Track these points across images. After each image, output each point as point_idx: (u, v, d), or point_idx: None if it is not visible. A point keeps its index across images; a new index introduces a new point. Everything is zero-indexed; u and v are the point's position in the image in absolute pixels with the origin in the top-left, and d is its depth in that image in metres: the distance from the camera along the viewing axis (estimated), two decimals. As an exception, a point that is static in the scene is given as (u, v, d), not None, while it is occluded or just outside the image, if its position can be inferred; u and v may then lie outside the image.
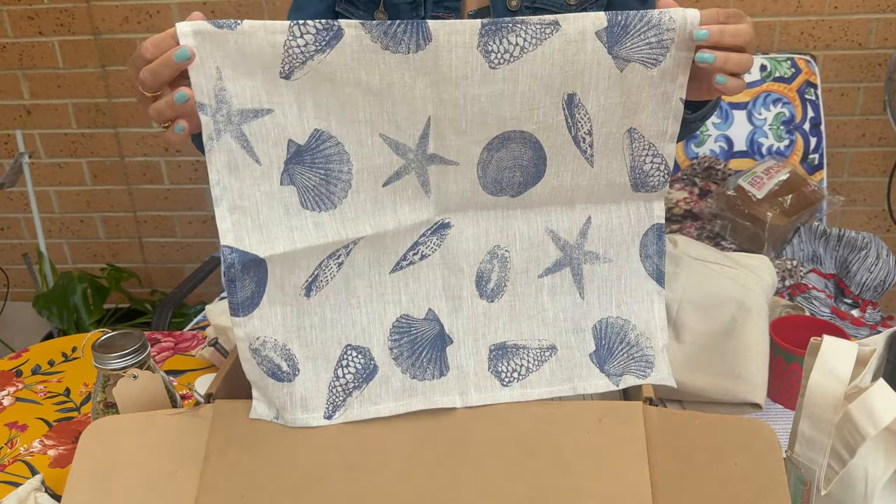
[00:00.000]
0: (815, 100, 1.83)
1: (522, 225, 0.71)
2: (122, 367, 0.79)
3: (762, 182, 1.63)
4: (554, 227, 0.71)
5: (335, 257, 0.67)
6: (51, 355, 1.15)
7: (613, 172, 0.70)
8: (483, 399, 0.68)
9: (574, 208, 0.71)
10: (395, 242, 0.69)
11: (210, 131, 0.62)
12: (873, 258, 1.53)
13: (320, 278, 0.67)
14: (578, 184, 0.70)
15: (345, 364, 0.69)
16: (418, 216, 0.69)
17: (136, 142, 2.25)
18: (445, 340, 0.70)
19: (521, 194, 0.70)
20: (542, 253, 0.71)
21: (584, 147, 0.68)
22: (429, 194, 0.68)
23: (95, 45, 2.14)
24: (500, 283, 0.71)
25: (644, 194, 0.71)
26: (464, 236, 0.70)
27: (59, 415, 1.01)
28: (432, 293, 0.70)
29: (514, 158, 0.68)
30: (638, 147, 0.69)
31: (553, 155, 0.68)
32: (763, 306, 0.94)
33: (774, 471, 0.57)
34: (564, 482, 0.62)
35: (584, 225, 0.72)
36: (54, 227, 2.41)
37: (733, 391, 0.88)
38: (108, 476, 0.65)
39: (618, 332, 0.72)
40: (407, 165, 0.67)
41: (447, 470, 0.63)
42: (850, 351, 0.58)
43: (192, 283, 1.84)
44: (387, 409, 0.68)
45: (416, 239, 0.69)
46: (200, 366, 1.11)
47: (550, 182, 0.69)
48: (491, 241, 0.70)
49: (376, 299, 0.70)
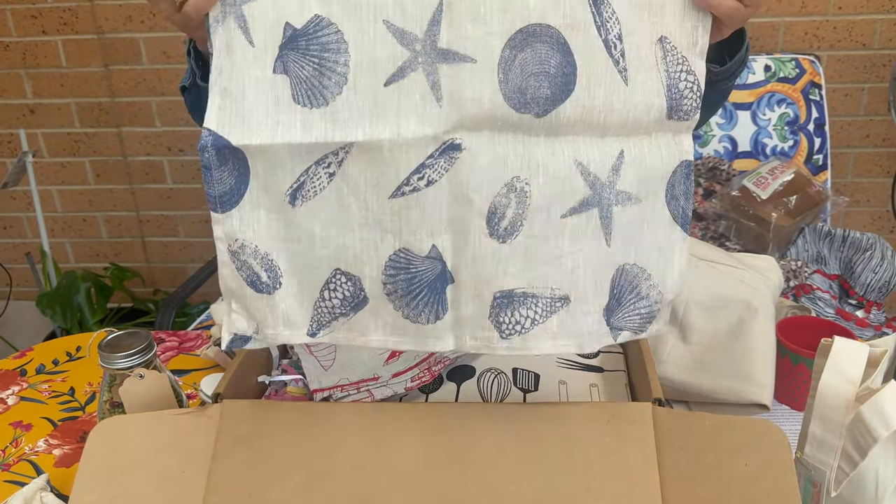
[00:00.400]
0: (820, 100, 1.83)
1: (547, 153, 0.60)
2: (129, 367, 0.79)
3: (767, 182, 1.63)
4: (584, 159, 0.61)
5: (324, 164, 0.60)
6: (55, 354, 1.15)
7: (650, 93, 0.61)
8: (477, 347, 0.62)
9: (605, 139, 0.62)
10: (395, 159, 0.59)
11: (217, 13, 0.60)
12: (878, 259, 1.52)
13: (307, 186, 0.61)
14: (612, 105, 0.60)
15: (332, 288, 0.63)
16: (424, 129, 0.58)
17: (139, 141, 2.25)
18: (447, 279, 0.62)
19: (549, 113, 0.59)
20: (568, 188, 0.60)
21: (616, 56, 0.59)
22: (440, 101, 0.58)
23: (99, 45, 2.14)
24: (514, 222, 0.60)
25: (676, 123, 0.62)
26: (477, 163, 0.59)
27: (63, 414, 1.01)
28: (436, 227, 0.61)
29: (539, 63, 0.58)
30: (672, 61, 0.61)
31: (584, 63, 0.59)
32: (770, 307, 0.94)
33: (785, 472, 0.57)
34: (573, 483, 0.62)
35: (617, 160, 0.62)
36: (57, 227, 2.41)
37: (740, 392, 0.88)
38: (115, 476, 0.65)
39: (630, 282, 0.63)
40: (413, 59, 0.58)
41: (455, 469, 0.63)
42: (861, 352, 0.58)
43: (196, 282, 1.84)
44: (375, 341, 0.63)
45: (422, 160, 0.59)
46: (205, 365, 1.11)
47: (581, 100, 0.59)
48: (509, 171, 0.60)
49: (372, 225, 0.61)
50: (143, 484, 0.65)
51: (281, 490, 0.64)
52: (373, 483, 0.63)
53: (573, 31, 0.58)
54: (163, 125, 2.22)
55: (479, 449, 0.64)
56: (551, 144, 0.60)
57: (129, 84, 2.18)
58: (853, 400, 0.57)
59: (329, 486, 0.64)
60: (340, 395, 0.79)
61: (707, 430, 0.62)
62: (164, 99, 2.19)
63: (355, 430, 0.66)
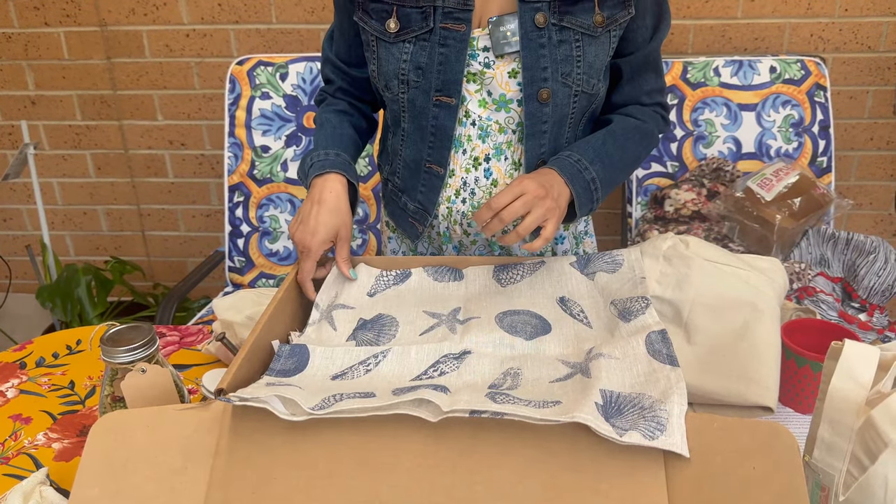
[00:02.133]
0: (825, 102, 1.82)
1: (535, 355, 0.83)
2: (131, 361, 0.79)
3: (771, 184, 1.62)
4: (564, 357, 0.82)
5: (365, 364, 0.82)
6: (55, 348, 1.15)
7: (609, 324, 0.88)
8: (470, 402, 0.66)
9: (580, 345, 0.85)
10: (419, 360, 0.82)
11: (315, 318, 0.93)
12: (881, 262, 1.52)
13: (347, 375, 0.80)
14: (581, 336, 0.86)
15: (338, 399, 0.71)
16: (444, 347, 0.84)
17: (141, 134, 2.25)
18: (444, 390, 0.72)
19: (534, 339, 0.86)
20: (553, 370, 0.79)
21: (580, 318, 0.89)
22: (455, 334, 0.87)
23: (101, 37, 2.13)
24: (511, 386, 0.76)
25: (634, 321, 0.84)
26: (481, 362, 0.80)
27: (63, 408, 1.00)
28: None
29: (524, 322, 0.89)
30: (621, 305, 0.88)
31: (556, 323, 0.89)
32: (775, 309, 0.93)
33: (794, 476, 0.57)
34: (580, 484, 0.61)
35: (590, 352, 0.81)
36: (57, 220, 2.40)
37: (745, 394, 0.87)
38: (117, 471, 0.65)
39: (630, 400, 0.69)
40: (439, 322, 0.90)
41: (461, 469, 0.63)
42: (872, 355, 0.57)
43: (196, 277, 1.84)
44: (372, 407, 0.67)
45: (437, 359, 0.82)
46: (206, 360, 1.11)
47: (557, 334, 0.87)
48: (505, 365, 0.80)
49: (390, 396, 0.72)
50: (146, 479, 0.64)
51: (285, 487, 0.63)
52: (378, 480, 0.63)
53: (546, 311, 0.91)
54: (165, 119, 2.22)
55: (486, 447, 0.63)
56: (537, 348, 0.84)
57: (132, 77, 2.17)
58: (864, 404, 0.57)
59: (333, 483, 0.63)
60: None
61: (715, 433, 0.61)
62: (166, 92, 2.18)
63: (360, 427, 0.65)
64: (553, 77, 0.96)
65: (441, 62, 0.97)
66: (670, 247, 0.96)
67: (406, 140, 1.05)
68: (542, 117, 0.99)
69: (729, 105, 1.83)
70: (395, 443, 0.64)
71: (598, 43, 0.97)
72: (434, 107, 0.99)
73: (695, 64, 1.85)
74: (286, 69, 1.86)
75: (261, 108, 1.86)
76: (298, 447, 0.65)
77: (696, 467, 0.60)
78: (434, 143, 1.03)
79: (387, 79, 1.01)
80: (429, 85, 0.98)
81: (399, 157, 1.08)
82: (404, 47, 0.97)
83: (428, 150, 1.04)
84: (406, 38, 0.97)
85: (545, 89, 0.97)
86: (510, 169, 1.04)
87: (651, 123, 1.07)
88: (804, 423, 0.94)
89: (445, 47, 0.96)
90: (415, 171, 1.07)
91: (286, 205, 1.87)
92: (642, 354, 0.76)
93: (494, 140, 1.02)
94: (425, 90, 0.98)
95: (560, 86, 0.97)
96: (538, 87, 0.97)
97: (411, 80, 0.98)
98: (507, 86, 0.99)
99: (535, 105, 0.98)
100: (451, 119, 1.00)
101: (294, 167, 1.86)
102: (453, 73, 0.97)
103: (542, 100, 0.97)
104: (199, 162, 2.26)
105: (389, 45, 0.98)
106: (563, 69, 0.96)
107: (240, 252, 1.89)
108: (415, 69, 0.98)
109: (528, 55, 0.95)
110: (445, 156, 1.03)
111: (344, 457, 0.64)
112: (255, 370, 0.80)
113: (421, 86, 0.98)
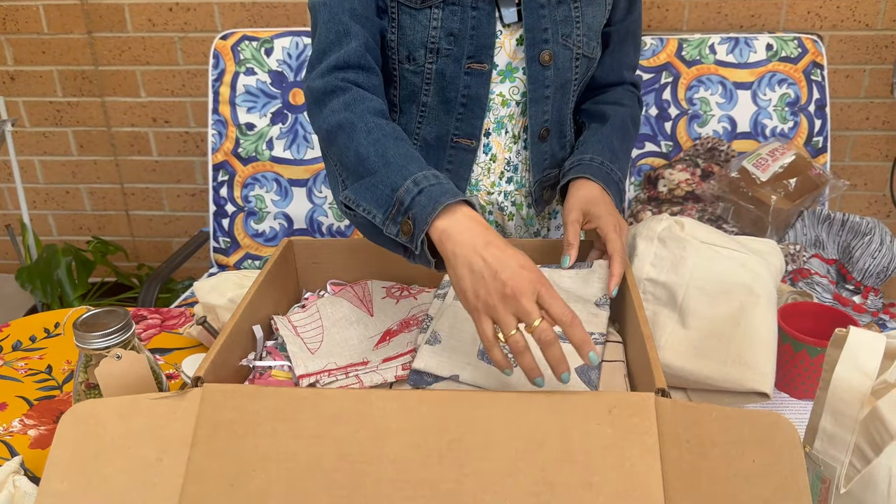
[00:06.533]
0: (822, 81, 1.79)
1: None
2: (106, 347, 0.76)
3: (766, 164, 1.60)
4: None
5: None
6: (32, 331, 1.11)
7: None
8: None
9: None
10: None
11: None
12: (877, 244, 1.50)
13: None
14: None
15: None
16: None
17: (124, 111, 2.19)
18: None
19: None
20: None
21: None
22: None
23: (81, 10, 2.07)
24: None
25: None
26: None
27: (40, 393, 0.97)
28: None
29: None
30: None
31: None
32: (772, 293, 0.91)
33: (795, 469, 0.54)
34: (572, 476, 0.59)
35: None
36: (39, 199, 2.35)
37: (740, 379, 0.85)
38: (88, 463, 0.62)
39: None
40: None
41: (448, 461, 0.60)
42: (877, 344, 0.55)
43: (181, 257, 1.80)
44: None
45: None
46: (188, 344, 1.07)
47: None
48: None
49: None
50: (118, 472, 0.61)
51: (264, 480, 0.61)
52: (361, 474, 0.60)
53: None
54: (148, 95, 2.16)
55: (474, 440, 0.61)
56: None
57: (114, 52, 2.11)
58: (868, 394, 0.54)
59: (315, 476, 0.60)
60: (328, 380, 0.75)
61: (713, 423, 0.59)
62: (149, 68, 2.12)
63: (343, 417, 0.63)
64: (554, 38, 0.94)
65: (474, 27, 0.92)
66: (665, 228, 0.93)
67: (426, 116, 0.99)
68: (544, 81, 0.96)
69: (724, 83, 1.80)
70: (379, 433, 0.62)
71: (594, 4, 0.96)
72: (465, 76, 0.95)
73: (690, 41, 1.81)
74: (271, 44, 1.81)
75: (245, 85, 1.81)
76: (279, 438, 0.62)
77: (692, 459, 0.58)
78: (464, 114, 0.97)
79: (411, 49, 0.93)
80: (461, 52, 0.93)
81: (416, 138, 1.01)
82: (433, 13, 0.91)
83: (456, 124, 0.98)
84: (434, 2, 0.90)
85: (546, 51, 0.94)
86: (509, 142, 1.02)
87: (635, 107, 1.08)
88: (800, 408, 0.92)
89: (477, 10, 0.91)
90: (437, 148, 1.00)
91: (272, 184, 1.83)
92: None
93: (496, 114, 1.00)
94: (457, 58, 0.93)
95: (561, 48, 0.95)
96: (540, 48, 0.94)
97: (442, 49, 0.92)
98: (514, 54, 0.96)
99: (538, 68, 0.95)
100: (484, 87, 0.96)
101: (280, 145, 1.81)
102: (486, 38, 0.93)
103: (543, 62, 0.95)
104: (184, 140, 2.21)
105: (415, 12, 0.91)
106: (563, 30, 0.94)
107: (225, 232, 1.86)
108: (446, 36, 0.92)
109: (529, 15, 0.92)
110: (478, 126, 0.98)
111: (326, 449, 0.61)
112: (234, 356, 0.77)
113: (453, 54, 0.93)
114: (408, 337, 0.81)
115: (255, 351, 0.82)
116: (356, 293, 0.91)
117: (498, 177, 1.03)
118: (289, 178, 1.82)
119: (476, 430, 0.61)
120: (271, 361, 0.79)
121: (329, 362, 0.78)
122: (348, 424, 0.62)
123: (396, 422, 0.62)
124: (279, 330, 0.83)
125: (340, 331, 0.85)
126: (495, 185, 1.04)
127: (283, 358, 0.79)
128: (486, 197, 1.05)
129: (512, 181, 1.04)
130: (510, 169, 1.03)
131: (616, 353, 0.80)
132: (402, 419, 0.62)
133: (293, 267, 0.96)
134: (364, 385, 0.74)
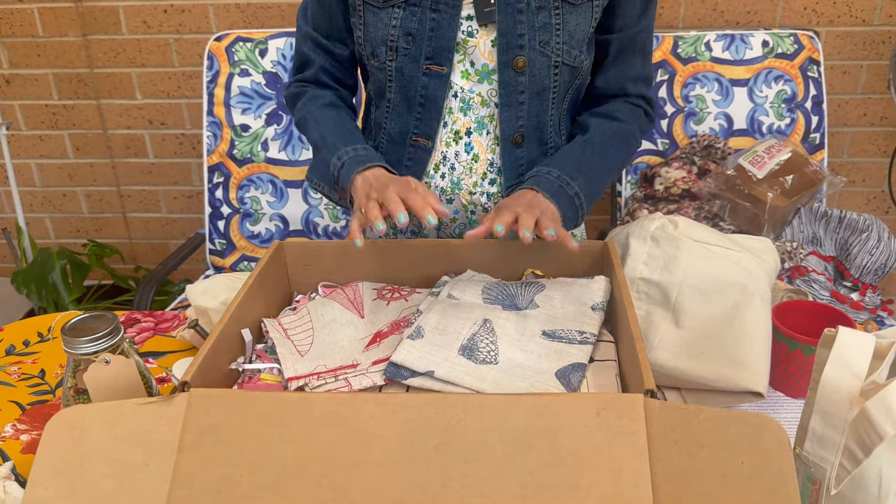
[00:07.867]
0: (818, 77, 1.78)
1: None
2: (94, 352, 0.75)
3: (763, 161, 1.59)
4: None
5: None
6: (26, 335, 1.11)
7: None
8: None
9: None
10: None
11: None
12: (874, 241, 1.49)
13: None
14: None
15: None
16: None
17: (120, 114, 2.19)
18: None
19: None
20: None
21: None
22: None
23: (76, 13, 2.06)
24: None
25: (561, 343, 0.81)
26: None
27: (33, 398, 0.97)
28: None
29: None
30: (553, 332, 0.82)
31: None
32: (766, 291, 0.90)
33: (784, 471, 0.54)
34: (560, 479, 0.58)
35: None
36: (36, 202, 2.35)
37: (734, 379, 0.84)
38: (73, 468, 0.61)
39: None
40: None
41: (436, 465, 0.60)
42: (867, 344, 0.54)
43: (176, 260, 1.80)
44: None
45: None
46: (181, 347, 1.07)
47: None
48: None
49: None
50: (104, 477, 0.61)
51: (251, 485, 0.60)
52: (349, 478, 0.60)
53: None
54: (144, 97, 2.16)
55: (462, 442, 0.60)
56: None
57: (109, 54, 2.11)
58: (858, 394, 0.54)
59: (303, 481, 0.60)
60: (317, 383, 0.75)
61: (701, 424, 0.58)
62: (144, 70, 2.12)
63: (331, 421, 0.62)
64: (530, 45, 0.93)
65: (432, 28, 0.93)
66: (658, 227, 0.93)
67: (391, 112, 1.01)
68: (517, 87, 0.96)
69: (720, 80, 1.79)
70: (367, 437, 0.61)
71: (578, 12, 0.94)
72: (423, 76, 0.96)
73: (685, 38, 1.80)
74: (266, 45, 1.81)
75: (240, 86, 1.81)
76: (266, 444, 0.62)
77: (681, 460, 0.57)
78: (422, 114, 0.99)
79: (373, 45, 0.96)
80: (419, 52, 0.94)
81: (383, 131, 1.04)
82: (394, 12, 0.93)
83: (415, 122, 1.00)
84: (395, 2, 0.93)
85: (521, 57, 0.93)
86: (492, 143, 1.01)
87: (633, 123, 1.03)
88: (795, 407, 0.91)
89: (437, 13, 0.92)
90: (400, 144, 1.03)
91: (267, 185, 1.82)
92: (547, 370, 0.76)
93: (476, 113, 0.99)
94: (415, 58, 0.95)
95: (538, 55, 0.94)
96: (514, 54, 0.93)
97: (400, 48, 0.94)
98: (489, 55, 0.95)
99: (510, 73, 0.94)
100: (440, 89, 0.96)
101: (275, 146, 1.81)
102: (444, 41, 0.93)
103: (517, 68, 0.94)
104: (180, 141, 2.21)
105: (378, 10, 0.94)
106: (542, 37, 0.93)
107: (220, 234, 1.85)
108: (404, 35, 0.94)
109: (505, 20, 0.92)
110: (434, 128, 0.99)
111: (313, 453, 0.61)
112: (223, 360, 0.76)
113: (410, 53, 0.95)
114: (398, 339, 0.81)
115: (244, 355, 0.82)
116: (347, 295, 0.91)
117: (480, 177, 1.02)
118: (284, 180, 1.82)
119: (463, 434, 0.60)
120: (260, 364, 0.78)
121: (318, 365, 0.78)
122: (335, 429, 0.62)
123: (383, 426, 0.62)
124: (269, 333, 0.83)
125: (331, 333, 0.84)
126: (477, 186, 1.03)
127: (273, 361, 0.79)
128: (469, 197, 1.04)
129: (495, 183, 1.03)
130: (493, 170, 1.02)
131: (608, 353, 0.79)
132: (389, 423, 0.62)
133: (284, 270, 0.96)
134: (353, 388, 0.74)
